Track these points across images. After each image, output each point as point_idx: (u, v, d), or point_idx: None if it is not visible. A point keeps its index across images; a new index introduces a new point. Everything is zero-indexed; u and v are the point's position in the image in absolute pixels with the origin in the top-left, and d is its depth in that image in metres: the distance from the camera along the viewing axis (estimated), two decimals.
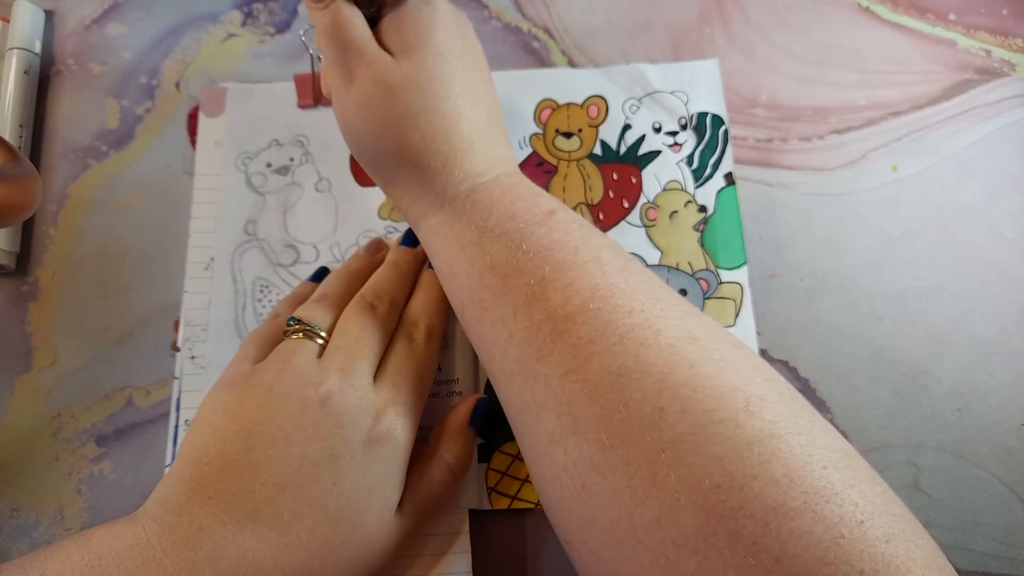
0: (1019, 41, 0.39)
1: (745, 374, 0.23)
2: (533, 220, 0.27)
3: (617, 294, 0.25)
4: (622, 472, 0.22)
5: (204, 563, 0.23)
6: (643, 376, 0.22)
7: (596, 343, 0.24)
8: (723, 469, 0.20)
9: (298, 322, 0.29)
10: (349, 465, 0.26)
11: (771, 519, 0.20)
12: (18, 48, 0.39)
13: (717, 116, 0.38)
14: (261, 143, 0.38)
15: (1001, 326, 0.35)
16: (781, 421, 0.21)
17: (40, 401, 0.35)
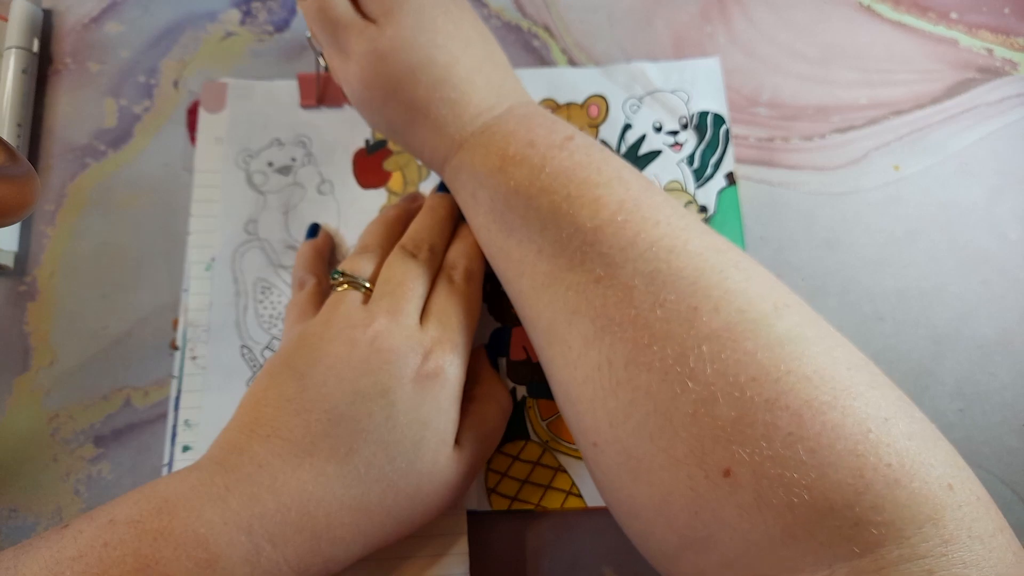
0: (1021, 40, 0.39)
1: (769, 283, 0.24)
2: (553, 144, 0.27)
3: (643, 207, 0.25)
4: (659, 367, 0.23)
5: (266, 496, 0.24)
6: (676, 279, 0.23)
7: (627, 251, 0.25)
8: (757, 363, 0.21)
9: (342, 275, 0.30)
10: (401, 399, 0.26)
11: (805, 412, 0.20)
12: (16, 47, 0.38)
13: (718, 115, 0.37)
14: (262, 141, 0.38)
15: (1003, 326, 0.35)
16: (807, 325, 0.23)
17: (38, 401, 0.34)
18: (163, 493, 0.24)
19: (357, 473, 0.25)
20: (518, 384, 0.34)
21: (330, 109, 0.38)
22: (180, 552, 0.22)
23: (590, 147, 0.28)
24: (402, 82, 0.29)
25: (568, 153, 0.27)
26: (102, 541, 0.22)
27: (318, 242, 0.35)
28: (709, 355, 0.22)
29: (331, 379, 0.26)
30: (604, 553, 0.32)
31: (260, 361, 0.34)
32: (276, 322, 0.35)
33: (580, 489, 0.32)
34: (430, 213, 0.33)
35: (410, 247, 0.31)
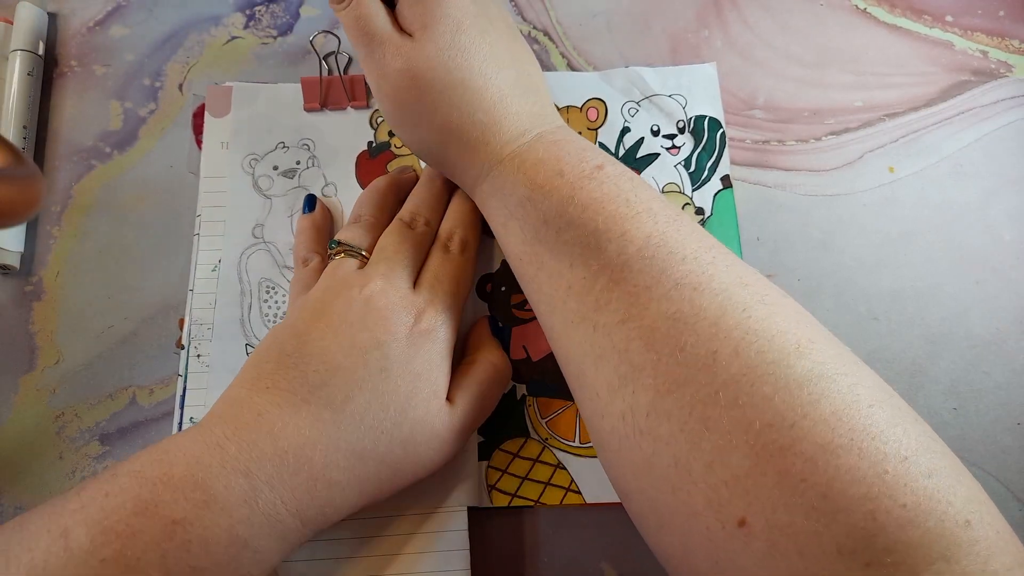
0: (1016, 42, 0.39)
1: (794, 318, 0.24)
2: (582, 174, 0.27)
3: (670, 242, 0.25)
4: (677, 416, 0.22)
5: (263, 442, 0.25)
6: (697, 320, 0.23)
7: (652, 289, 0.24)
8: (774, 409, 0.21)
9: (339, 244, 0.31)
10: (395, 352, 0.28)
11: (819, 456, 0.20)
12: (21, 50, 0.39)
13: (714, 119, 0.38)
14: (268, 145, 0.38)
15: (997, 326, 0.35)
16: (830, 362, 0.22)
17: (44, 400, 0.35)
18: (163, 446, 0.25)
19: (353, 419, 0.26)
20: (518, 383, 0.34)
21: (333, 112, 0.39)
22: (178, 495, 0.23)
23: (619, 176, 0.27)
24: (436, 103, 0.29)
25: (597, 183, 0.27)
26: (103, 491, 0.23)
27: (316, 217, 0.35)
28: (726, 402, 0.22)
29: (328, 334, 0.27)
30: (603, 549, 0.33)
31: None
32: (280, 321, 0.35)
33: (579, 486, 0.33)
34: (428, 185, 0.34)
35: (407, 218, 0.32)
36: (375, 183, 0.35)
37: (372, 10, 0.30)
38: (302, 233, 0.35)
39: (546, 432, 0.34)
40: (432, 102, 0.29)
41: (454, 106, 0.29)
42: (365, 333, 0.27)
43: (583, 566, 0.33)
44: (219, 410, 0.27)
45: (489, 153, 0.29)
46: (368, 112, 0.39)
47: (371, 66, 0.30)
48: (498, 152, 0.29)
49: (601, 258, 0.26)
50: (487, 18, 0.30)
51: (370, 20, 0.29)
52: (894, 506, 0.19)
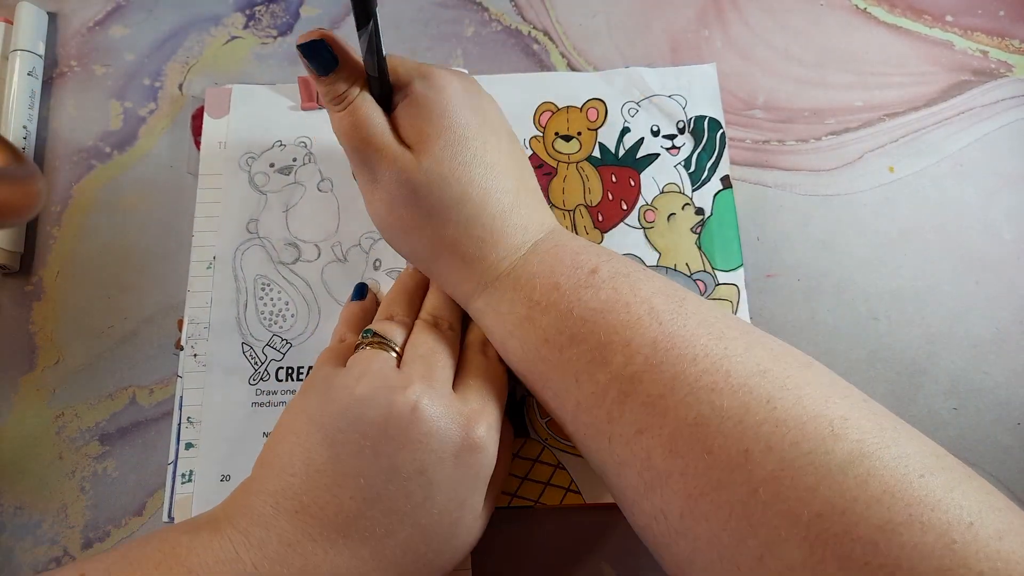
0: (1016, 42, 0.39)
1: (823, 395, 0.23)
2: (579, 284, 0.26)
3: (678, 343, 0.24)
4: (716, 516, 0.22)
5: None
6: (721, 421, 0.22)
7: (667, 397, 0.23)
8: (821, 497, 0.20)
9: (374, 335, 0.29)
10: (439, 479, 0.25)
11: (879, 538, 0.19)
12: (21, 50, 0.39)
13: (714, 120, 0.38)
14: (265, 143, 0.38)
15: (997, 326, 0.35)
16: (869, 438, 0.21)
17: (44, 400, 0.35)
18: (186, 562, 0.23)
19: (393, 556, 0.25)
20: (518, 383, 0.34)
21: None
22: None
23: (615, 278, 0.27)
24: (432, 217, 0.28)
25: (594, 291, 0.26)
26: None
27: (366, 305, 0.34)
28: (768, 498, 0.21)
29: (366, 450, 0.25)
30: (602, 549, 0.33)
31: (261, 359, 0.35)
32: (276, 318, 0.35)
33: (579, 486, 0.33)
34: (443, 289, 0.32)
35: (431, 321, 0.30)
36: (403, 282, 0.33)
37: (371, 116, 0.28)
38: (349, 315, 0.33)
39: (546, 432, 0.34)
40: (428, 215, 0.28)
41: (451, 221, 0.27)
42: (408, 454, 0.25)
43: (583, 566, 0.33)
44: (242, 524, 0.24)
45: (485, 270, 0.28)
46: None
47: (364, 174, 0.29)
48: (494, 268, 0.28)
49: (608, 371, 0.25)
50: (489, 128, 0.29)
51: (368, 127, 0.28)
52: (970, 574, 0.19)
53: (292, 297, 0.36)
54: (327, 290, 0.36)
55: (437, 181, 0.27)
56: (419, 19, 0.41)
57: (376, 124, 0.28)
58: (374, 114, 0.28)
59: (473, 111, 0.29)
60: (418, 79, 0.28)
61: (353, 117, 0.28)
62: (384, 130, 0.28)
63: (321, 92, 0.28)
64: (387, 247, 0.36)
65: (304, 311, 0.36)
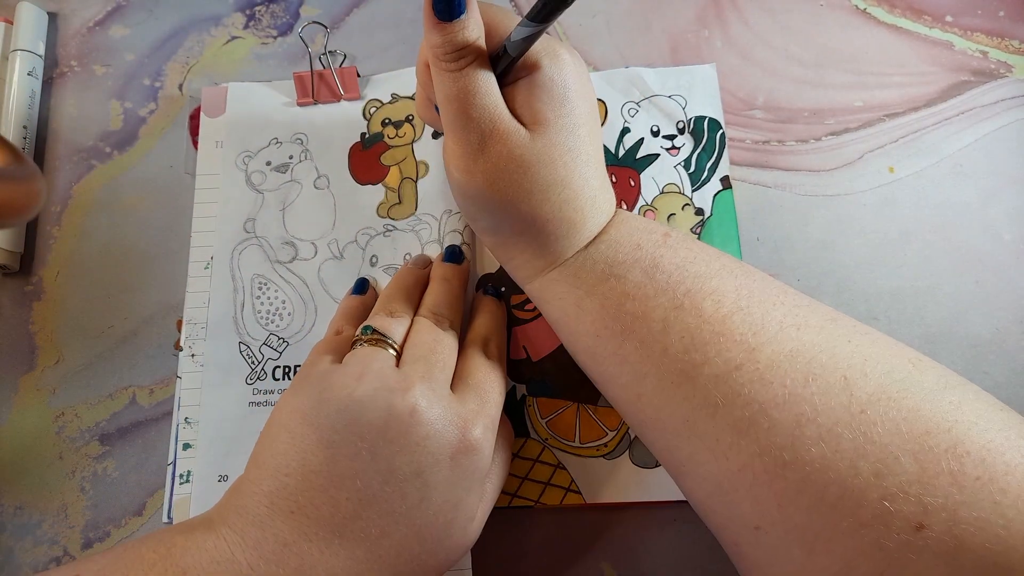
0: (1016, 43, 0.39)
1: (891, 342, 0.25)
2: (656, 243, 0.28)
3: (756, 292, 0.26)
4: (828, 438, 0.23)
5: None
6: (815, 354, 0.24)
7: (760, 334, 0.25)
8: (924, 417, 0.22)
9: (373, 331, 0.29)
10: (435, 480, 0.25)
11: (986, 455, 0.21)
12: (21, 50, 0.39)
13: (714, 120, 0.38)
14: (261, 142, 0.38)
15: (997, 326, 0.35)
16: (946, 374, 0.24)
17: (44, 400, 0.35)
18: (181, 562, 0.23)
19: (388, 557, 0.25)
20: (518, 383, 0.34)
21: (325, 105, 0.39)
22: None
23: (686, 239, 0.29)
24: (532, 195, 0.27)
25: (673, 250, 0.28)
26: None
27: (366, 299, 0.34)
28: (876, 417, 0.22)
29: (363, 452, 0.25)
30: (602, 548, 0.33)
31: (258, 358, 0.35)
32: (273, 318, 0.35)
33: (579, 486, 0.33)
34: (445, 285, 0.33)
35: (431, 318, 0.30)
36: (402, 277, 0.33)
37: (488, 85, 0.26)
38: (346, 309, 0.33)
39: (546, 432, 0.34)
40: (529, 193, 0.27)
41: (549, 201, 0.28)
42: (405, 456, 0.25)
43: (583, 566, 0.33)
44: (237, 524, 0.24)
45: (567, 248, 0.29)
46: (361, 104, 0.39)
47: (468, 143, 0.27)
48: (573, 247, 0.29)
49: (699, 315, 0.26)
50: (594, 116, 0.29)
51: (485, 95, 0.26)
52: None
53: (289, 296, 0.36)
54: (324, 288, 0.36)
55: (546, 161, 0.27)
56: (419, 19, 0.41)
57: (493, 94, 0.26)
58: (491, 83, 0.26)
59: (586, 100, 0.29)
60: (546, 58, 0.27)
61: (467, 82, 0.26)
62: (500, 103, 0.27)
63: (435, 41, 0.25)
64: (384, 243, 0.36)
65: (301, 310, 0.36)
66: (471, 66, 0.26)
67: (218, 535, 0.24)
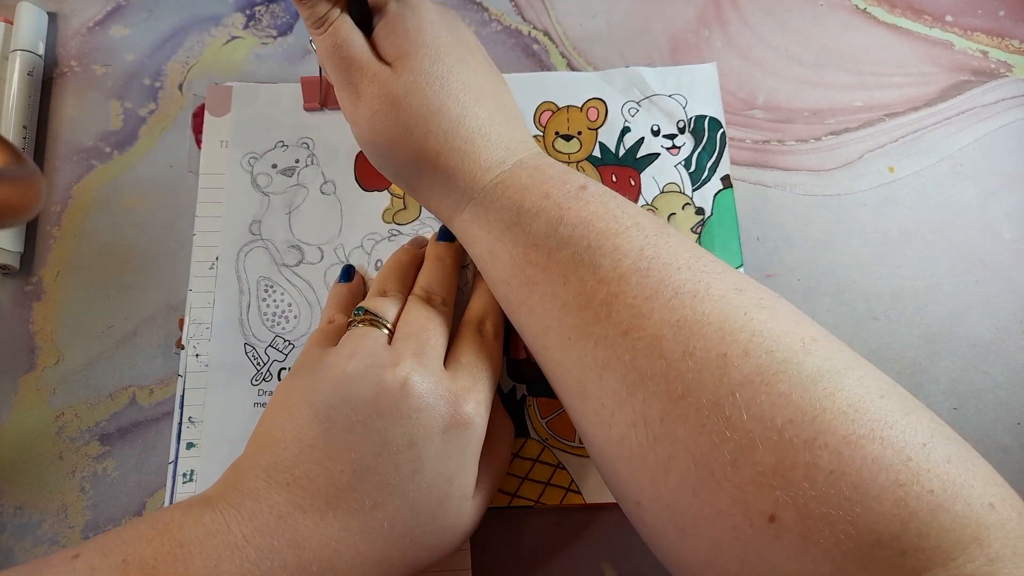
0: (1016, 42, 0.39)
1: (792, 318, 0.24)
2: (568, 194, 0.28)
3: (662, 254, 0.26)
4: (694, 419, 0.22)
5: (286, 550, 0.24)
6: (702, 326, 0.23)
7: (652, 300, 0.24)
8: (792, 405, 0.21)
9: (365, 312, 0.29)
10: (429, 452, 0.26)
11: (844, 448, 0.21)
12: (21, 50, 0.39)
13: (715, 119, 0.38)
14: (267, 144, 0.38)
15: (997, 326, 0.35)
16: (835, 357, 0.23)
17: (44, 400, 0.35)
18: (178, 536, 0.23)
19: (381, 528, 0.25)
20: (518, 383, 0.34)
21: (333, 111, 0.39)
22: None
23: (604, 195, 0.28)
24: (412, 129, 0.29)
25: (584, 203, 0.27)
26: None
27: (353, 286, 0.35)
28: (744, 401, 0.22)
29: (357, 425, 0.25)
30: (602, 548, 0.33)
31: (264, 359, 0.35)
32: (279, 320, 0.35)
33: (579, 486, 0.33)
34: (438, 264, 0.33)
35: (424, 296, 0.31)
36: (397, 257, 0.34)
37: (351, 37, 0.29)
38: (336, 297, 0.34)
39: (546, 432, 0.34)
40: (408, 127, 0.29)
41: (431, 133, 0.28)
42: (399, 428, 0.26)
43: (583, 566, 0.33)
44: (234, 498, 0.25)
45: (469, 181, 0.29)
46: None
47: (347, 93, 0.30)
48: (479, 179, 0.29)
49: (597, 274, 0.26)
50: (465, 47, 0.30)
51: (349, 46, 0.29)
52: (923, 491, 0.20)
53: (295, 299, 0.36)
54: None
55: (415, 93, 0.28)
56: None
57: (356, 43, 0.29)
58: (353, 34, 0.29)
59: (448, 30, 0.30)
60: (393, 0, 0.30)
61: (334, 38, 0.29)
62: (364, 48, 0.29)
63: (303, 16, 0.29)
64: (389, 248, 0.36)
65: (307, 313, 0.36)
66: (335, 25, 0.29)
67: (215, 510, 0.24)
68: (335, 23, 0.29)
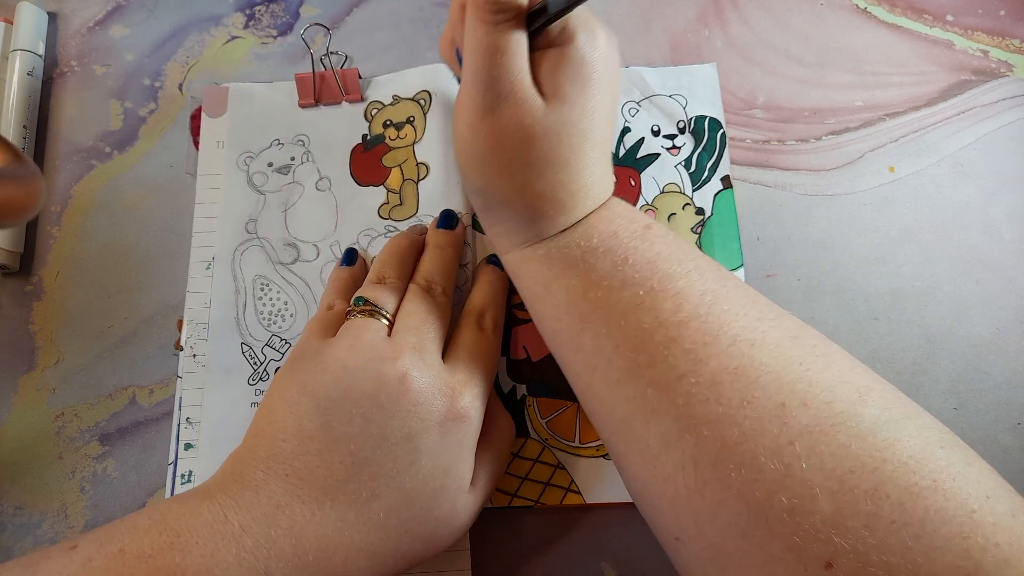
0: (1016, 42, 0.39)
1: (847, 365, 0.24)
2: (634, 235, 0.28)
3: (721, 300, 0.26)
4: (750, 465, 0.22)
5: (283, 540, 0.24)
6: (760, 374, 0.23)
7: (711, 346, 0.24)
8: (853, 455, 0.21)
9: (365, 302, 0.29)
10: (426, 445, 0.26)
11: (906, 498, 0.20)
12: (21, 50, 0.39)
13: (715, 120, 0.38)
14: (263, 143, 0.38)
15: (997, 326, 0.35)
16: (893, 407, 0.23)
17: (44, 400, 0.35)
18: (175, 526, 0.23)
19: (377, 519, 0.25)
20: (518, 383, 0.34)
21: (327, 107, 0.39)
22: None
23: (667, 236, 0.28)
24: (530, 168, 0.27)
25: (649, 243, 0.27)
26: (113, 574, 0.22)
27: (355, 271, 0.34)
28: (803, 451, 0.22)
29: (357, 418, 0.26)
30: (602, 548, 0.33)
31: (260, 359, 0.35)
32: (275, 319, 0.35)
33: (579, 486, 0.33)
34: (439, 252, 0.33)
35: (424, 285, 0.31)
36: (396, 243, 0.33)
37: (518, 48, 0.26)
38: (337, 282, 0.34)
39: (546, 432, 0.34)
40: (529, 164, 0.27)
41: (544, 178, 0.28)
42: (397, 421, 0.26)
43: (583, 566, 0.33)
44: (232, 489, 0.25)
45: (550, 226, 0.28)
46: (363, 106, 0.39)
47: (480, 98, 0.27)
48: (558, 226, 0.28)
49: (656, 316, 0.25)
50: (612, 105, 0.29)
51: (511, 55, 0.26)
52: (988, 544, 0.20)
53: (291, 297, 0.36)
54: None
55: (552, 139, 0.27)
56: (419, 19, 0.41)
57: (519, 56, 0.26)
58: (521, 46, 0.26)
59: (610, 85, 0.28)
60: (582, 32, 0.27)
61: (499, 38, 0.26)
62: (524, 67, 0.27)
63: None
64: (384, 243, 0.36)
65: (303, 311, 0.36)
66: (508, 23, 0.26)
67: (213, 501, 0.25)
68: (511, 23, 0.26)
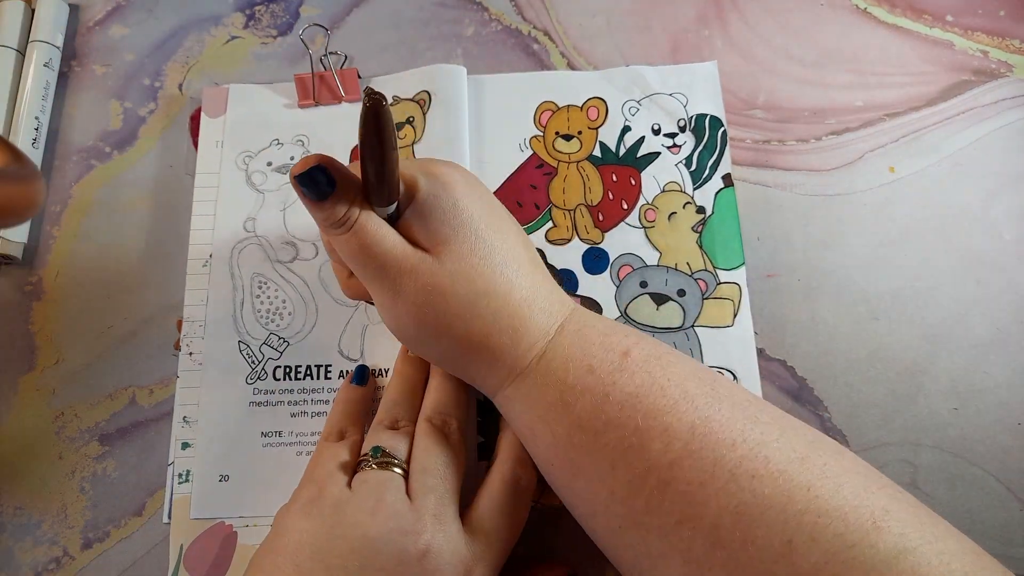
0: (1016, 42, 0.39)
1: (861, 484, 0.23)
2: (612, 367, 0.26)
3: (715, 428, 0.24)
4: None
5: None
6: (764, 510, 0.22)
7: (708, 485, 0.23)
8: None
9: (383, 452, 0.29)
10: None
11: None
12: (40, 41, 0.39)
13: (716, 118, 0.38)
14: (262, 143, 0.38)
15: (998, 326, 0.35)
16: (911, 531, 0.21)
17: (44, 400, 0.35)
18: None
19: None
20: None
21: (327, 107, 0.39)
22: None
23: (648, 361, 0.26)
24: (460, 316, 0.27)
25: (629, 375, 0.26)
26: None
27: (367, 392, 0.33)
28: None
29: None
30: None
31: (258, 357, 0.35)
32: (273, 317, 0.35)
33: None
34: (447, 382, 0.32)
35: (438, 422, 0.30)
36: (405, 373, 0.32)
37: (380, 232, 0.27)
38: (348, 403, 0.33)
39: None
40: (457, 315, 0.27)
41: (479, 316, 0.27)
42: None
43: (583, 566, 0.32)
44: None
45: (516, 358, 0.27)
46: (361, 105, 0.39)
47: (383, 290, 0.27)
48: (525, 356, 0.27)
49: (646, 458, 0.24)
50: (493, 212, 0.29)
51: (380, 243, 0.27)
52: None
53: (289, 295, 0.36)
54: (324, 288, 0.36)
55: (462, 279, 0.27)
56: (419, 19, 0.41)
57: (387, 238, 0.27)
58: (382, 229, 0.27)
59: (480, 202, 0.28)
60: (422, 177, 0.27)
61: (360, 238, 0.27)
62: (397, 242, 0.27)
63: (320, 219, 0.27)
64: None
65: (301, 309, 0.36)
66: (358, 223, 0.27)
67: None
68: (359, 220, 0.26)
